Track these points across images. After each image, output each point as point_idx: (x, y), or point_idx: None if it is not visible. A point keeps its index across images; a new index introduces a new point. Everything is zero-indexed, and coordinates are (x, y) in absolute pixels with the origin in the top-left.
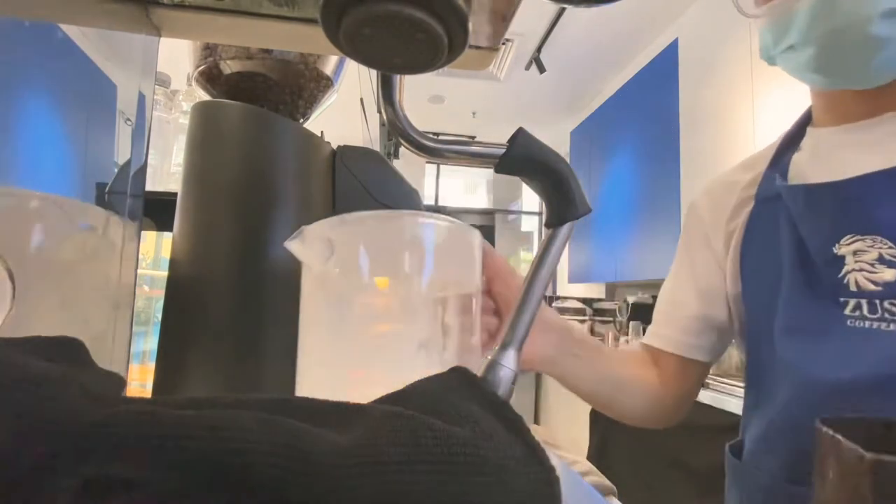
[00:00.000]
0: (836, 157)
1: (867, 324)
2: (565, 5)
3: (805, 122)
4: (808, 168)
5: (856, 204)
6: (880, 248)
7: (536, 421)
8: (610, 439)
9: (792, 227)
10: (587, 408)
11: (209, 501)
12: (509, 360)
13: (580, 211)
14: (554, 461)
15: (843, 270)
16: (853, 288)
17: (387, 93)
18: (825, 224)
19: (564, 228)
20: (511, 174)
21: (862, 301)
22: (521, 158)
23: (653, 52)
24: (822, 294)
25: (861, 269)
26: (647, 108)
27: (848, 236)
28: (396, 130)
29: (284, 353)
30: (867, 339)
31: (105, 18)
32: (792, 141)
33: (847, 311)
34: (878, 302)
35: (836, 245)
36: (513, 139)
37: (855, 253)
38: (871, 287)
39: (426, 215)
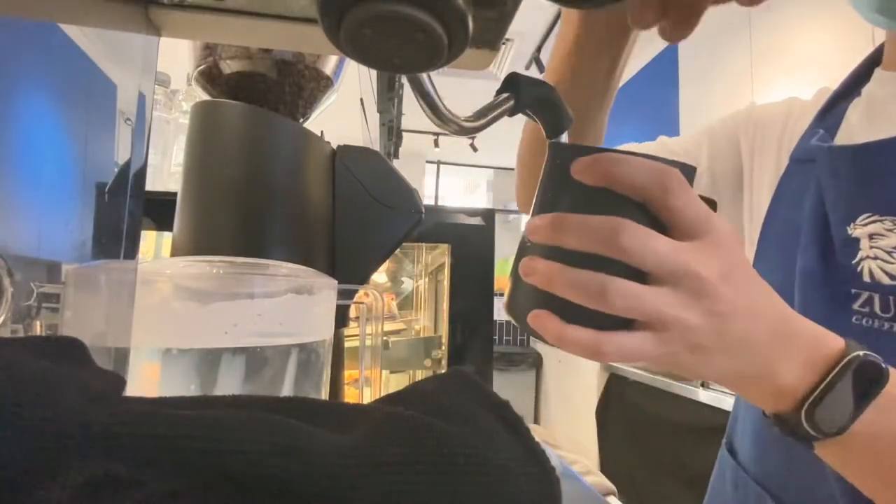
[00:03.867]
0: (893, 111)
1: (876, 323)
2: (565, 6)
3: (874, 61)
4: (861, 123)
5: (878, 175)
6: None
7: (536, 421)
8: (610, 439)
9: (818, 198)
10: (588, 408)
11: (209, 502)
12: None
13: (569, 122)
14: (554, 461)
15: (858, 256)
16: (867, 278)
17: (418, 86)
18: (842, 197)
19: (563, 137)
20: (521, 113)
21: (874, 296)
22: (528, 100)
23: (653, 52)
24: (835, 282)
25: (876, 258)
26: (647, 108)
27: (865, 215)
28: (440, 119)
29: None
30: (874, 344)
31: (105, 18)
32: (854, 84)
33: (856, 306)
34: (891, 298)
35: (851, 224)
36: (513, 86)
37: (871, 237)
38: (887, 280)
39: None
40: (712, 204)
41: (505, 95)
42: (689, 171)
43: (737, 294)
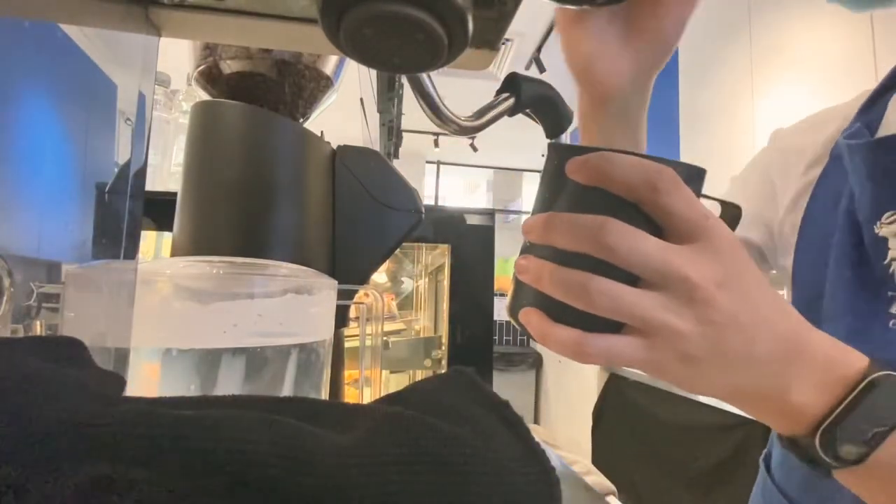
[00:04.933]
0: None
1: None
2: (565, 7)
3: None
4: None
5: None
6: None
7: (536, 421)
8: (610, 439)
9: (851, 196)
10: (587, 408)
11: (209, 502)
12: None
13: (568, 122)
14: (554, 461)
15: (888, 257)
16: None
17: (418, 86)
18: (866, 195)
19: (562, 138)
20: (521, 113)
21: None
22: (528, 100)
23: None
24: (869, 285)
25: None
26: (647, 108)
27: (889, 213)
28: (440, 118)
29: None
30: None
31: (105, 18)
32: None
33: (893, 309)
34: None
35: (877, 223)
36: (513, 86)
37: None
38: None
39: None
40: (735, 209)
41: (505, 95)
42: (693, 173)
43: (736, 303)
